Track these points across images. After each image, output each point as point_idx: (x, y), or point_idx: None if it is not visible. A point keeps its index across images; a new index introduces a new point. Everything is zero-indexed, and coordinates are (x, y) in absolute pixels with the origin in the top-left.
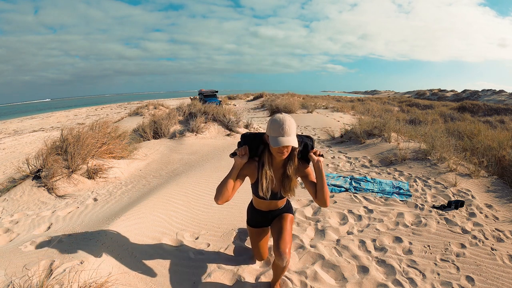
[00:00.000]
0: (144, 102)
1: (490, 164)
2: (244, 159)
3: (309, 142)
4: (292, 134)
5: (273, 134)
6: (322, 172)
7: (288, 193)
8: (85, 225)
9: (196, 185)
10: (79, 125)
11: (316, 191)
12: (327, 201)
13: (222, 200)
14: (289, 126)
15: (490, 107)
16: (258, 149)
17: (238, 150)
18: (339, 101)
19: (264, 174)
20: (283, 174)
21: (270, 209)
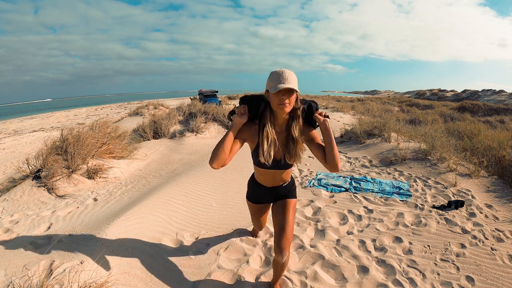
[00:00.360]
0: (144, 102)
1: (490, 164)
2: (244, 118)
3: (313, 104)
4: (293, 84)
5: (272, 84)
6: (330, 132)
7: (294, 159)
8: (85, 225)
9: (196, 185)
10: (79, 125)
11: (326, 154)
12: (338, 164)
13: (217, 163)
14: (289, 74)
15: (490, 107)
16: (258, 109)
17: (237, 109)
18: (339, 101)
19: (265, 135)
20: (287, 137)
21: (273, 185)
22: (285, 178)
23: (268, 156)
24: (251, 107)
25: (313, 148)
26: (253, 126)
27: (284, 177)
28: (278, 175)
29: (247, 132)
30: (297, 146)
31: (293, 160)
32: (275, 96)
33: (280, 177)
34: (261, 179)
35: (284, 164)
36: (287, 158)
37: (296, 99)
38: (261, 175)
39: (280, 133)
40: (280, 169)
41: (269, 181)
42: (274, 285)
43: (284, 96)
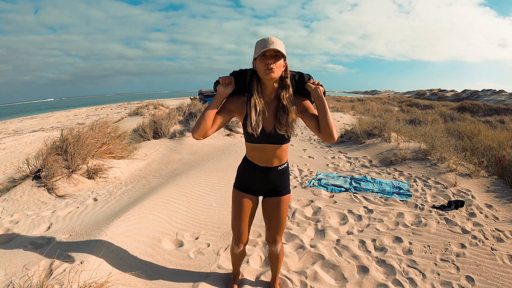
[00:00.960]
0: (144, 102)
1: (490, 164)
2: (228, 89)
3: (305, 74)
4: (279, 47)
5: (258, 50)
6: (323, 100)
7: (285, 129)
8: (85, 225)
9: (196, 185)
10: (79, 125)
11: (319, 123)
12: (333, 133)
13: (198, 134)
14: (275, 40)
15: (490, 107)
16: (245, 80)
17: (221, 79)
18: (339, 101)
19: (253, 104)
20: (277, 106)
21: (267, 165)
22: (280, 157)
23: (256, 125)
24: (238, 78)
25: (306, 119)
26: (241, 98)
27: (279, 155)
28: (271, 151)
29: (234, 104)
30: (288, 115)
31: (284, 129)
32: (261, 62)
33: (274, 153)
34: (252, 156)
35: (275, 135)
36: (277, 128)
37: (285, 68)
38: (253, 151)
39: (269, 103)
40: (272, 143)
41: (261, 159)
42: (273, 284)
43: (270, 61)
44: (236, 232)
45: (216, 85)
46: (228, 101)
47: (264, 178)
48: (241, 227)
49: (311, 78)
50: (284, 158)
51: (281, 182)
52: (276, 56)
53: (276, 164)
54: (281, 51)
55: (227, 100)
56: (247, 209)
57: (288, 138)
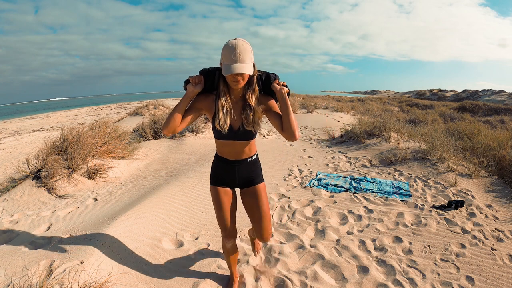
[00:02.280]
0: (144, 102)
1: (490, 164)
2: (198, 88)
3: (272, 74)
4: (246, 61)
5: (225, 62)
6: (286, 100)
7: (252, 126)
8: (85, 225)
9: (196, 185)
10: (79, 125)
11: (282, 123)
12: (295, 132)
13: (167, 130)
14: (241, 52)
15: (490, 107)
16: (213, 80)
17: (191, 78)
18: (339, 101)
19: (220, 104)
20: (244, 105)
21: (236, 158)
22: (249, 151)
23: (224, 124)
24: (207, 78)
25: (271, 117)
26: (210, 96)
27: (247, 149)
28: (239, 146)
29: (203, 102)
30: (254, 113)
31: (251, 126)
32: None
33: (242, 148)
34: (222, 151)
35: (243, 132)
36: (245, 125)
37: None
38: (222, 147)
39: (236, 102)
40: (239, 140)
41: (230, 153)
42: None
43: (237, 76)
44: (222, 225)
45: (186, 84)
46: (197, 99)
47: (236, 170)
48: (225, 218)
49: (277, 78)
50: (252, 151)
51: (252, 173)
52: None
53: (245, 157)
54: (247, 72)
55: (197, 98)
56: (226, 200)
57: (255, 134)
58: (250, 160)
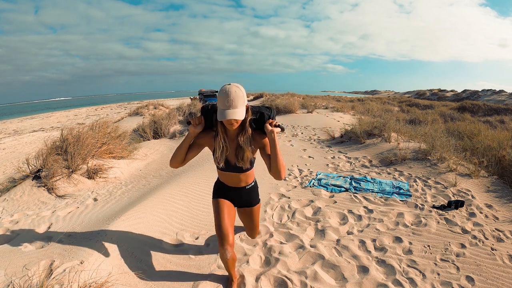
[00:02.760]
0: (144, 102)
1: (490, 164)
2: (198, 128)
3: (266, 112)
4: (239, 106)
5: (219, 107)
6: (275, 142)
7: (241, 163)
8: (85, 225)
9: (196, 185)
10: (79, 125)
11: (270, 163)
12: (281, 173)
13: (174, 165)
14: (234, 98)
15: (490, 107)
16: (212, 119)
17: (192, 119)
18: (339, 101)
19: (217, 143)
20: (238, 143)
21: (234, 186)
22: (246, 180)
23: (221, 160)
24: (207, 116)
25: (262, 155)
26: (210, 133)
27: (244, 178)
28: (236, 177)
29: (204, 139)
30: (244, 153)
31: (242, 164)
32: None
33: (239, 178)
34: (222, 179)
35: (237, 167)
36: (237, 162)
37: (246, 110)
38: (221, 176)
39: (232, 140)
40: (236, 172)
41: (229, 182)
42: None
43: (230, 120)
44: (220, 233)
45: (188, 124)
46: (199, 136)
47: (234, 194)
48: (224, 227)
49: (270, 117)
50: (250, 179)
51: (250, 197)
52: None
53: (243, 185)
54: (239, 118)
55: (198, 135)
56: (226, 210)
57: (251, 166)
58: (248, 188)
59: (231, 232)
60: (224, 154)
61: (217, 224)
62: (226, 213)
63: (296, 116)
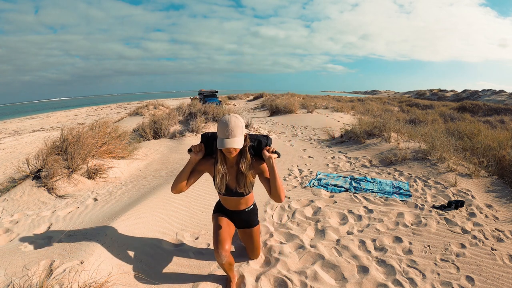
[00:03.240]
0: (144, 102)
1: (490, 164)
2: (199, 155)
3: (263, 140)
4: (237, 135)
5: (219, 135)
6: (274, 168)
7: (243, 189)
8: (85, 225)
9: (196, 185)
10: (79, 125)
11: (270, 187)
12: (281, 196)
13: (175, 191)
14: (233, 128)
15: (490, 107)
16: (212, 146)
17: (193, 147)
18: (339, 101)
19: (217, 170)
20: (238, 170)
21: (235, 209)
22: (246, 203)
23: (221, 186)
24: (207, 144)
25: (261, 179)
26: (210, 160)
27: (243, 202)
28: (237, 201)
29: (205, 165)
30: (245, 178)
31: (243, 189)
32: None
33: (239, 202)
34: (223, 203)
35: (238, 192)
36: (237, 188)
37: (245, 138)
38: (222, 200)
39: (231, 166)
40: (236, 197)
41: (230, 206)
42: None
43: (230, 148)
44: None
45: (189, 152)
46: (199, 163)
47: (234, 217)
48: (221, 232)
49: (268, 143)
50: (249, 203)
51: (249, 219)
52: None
53: (242, 208)
54: (238, 148)
55: (199, 162)
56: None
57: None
58: (247, 210)
59: (228, 240)
60: (224, 181)
61: (215, 232)
62: (225, 225)
63: (296, 116)
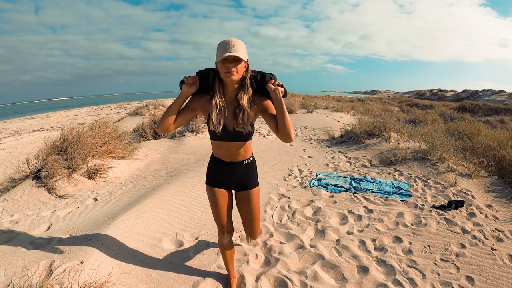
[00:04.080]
0: (144, 102)
1: (490, 164)
2: (192, 88)
3: (268, 74)
4: (240, 52)
5: (219, 53)
6: (281, 101)
7: (242, 126)
8: (85, 225)
9: (196, 185)
10: (79, 125)
11: (278, 124)
12: (290, 133)
13: (161, 128)
14: (236, 43)
15: (490, 107)
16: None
17: (186, 78)
18: (339, 101)
19: (214, 103)
20: (236, 105)
21: (231, 160)
22: (244, 153)
23: (217, 123)
24: (202, 78)
25: (266, 118)
26: (205, 97)
27: (242, 151)
28: (235, 148)
29: (198, 102)
30: (244, 114)
31: (242, 127)
32: (222, 65)
33: (238, 150)
34: (218, 153)
35: (236, 133)
36: (235, 126)
37: (246, 69)
38: (218, 148)
39: (230, 102)
40: (234, 140)
41: (226, 155)
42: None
43: (231, 65)
44: (218, 222)
45: (181, 84)
46: (192, 100)
47: (231, 172)
48: (221, 216)
49: (272, 78)
50: (248, 153)
51: (248, 176)
52: (236, 60)
53: (241, 159)
54: (240, 57)
55: (192, 99)
56: (223, 202)
57: (250, 135)
58: (246, 163)
59: (230, 221)
60: (221, 117)
61: (214, 213)
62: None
63: (296, 116)
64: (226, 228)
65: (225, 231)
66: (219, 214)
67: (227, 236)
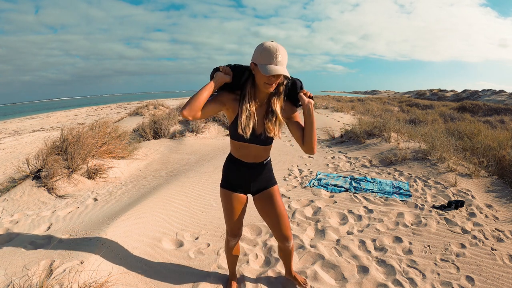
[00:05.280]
0: (144, 102)
1: (490, 164)
2: (226, 78)
3: (298, 81)
4: (284, 65)
5: (264, 62)
6: (313, 116)
7: (273, 133)
8: (85, 225)
9: (196, 185)
10: (79, 125)
11: (304, 136)
12: (314, 148)
13: (188, 112)
14: (282, 55)
15: (490, 107)
16: (241, 78)
17: (222, 67)
18: (339, 101)
19: (245, 107)
20: (267, 110)
21: (252, 161)
22: (266, 155)
23: (246, 127)
24: (235, 75)
25: (292, 127)
26: (234, 94)
27: (264, 152)
28: (257, 150)
29: (227, 97)
30: (277, 120)
31: (273, 133)
32: (265, 76)
33: (260, 152)
34: (238, 154)
35: (264, 138)
36: (267, 132)
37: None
38: (239, 149)
39: (260, 106)
40: (259, 144)
41: (248, 157)
42: (290, 274)
43: (274, 78)
44: (230, 229)
45: (215, 71)
46: (222, 93)
47: (251, 173)
48: (234, 223)
49: (302, 87)
50: (268, 154)
51: (266, 175)
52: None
53: (261, 160)
54: (287, 75)
55: (221, 93)
56: (238, 207)
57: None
58: (266, 162)
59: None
60: (251, 121)
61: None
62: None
63: None
64: (236, 232)
65: (235, 234)
66: (233, 219)
67: (236, 239)
